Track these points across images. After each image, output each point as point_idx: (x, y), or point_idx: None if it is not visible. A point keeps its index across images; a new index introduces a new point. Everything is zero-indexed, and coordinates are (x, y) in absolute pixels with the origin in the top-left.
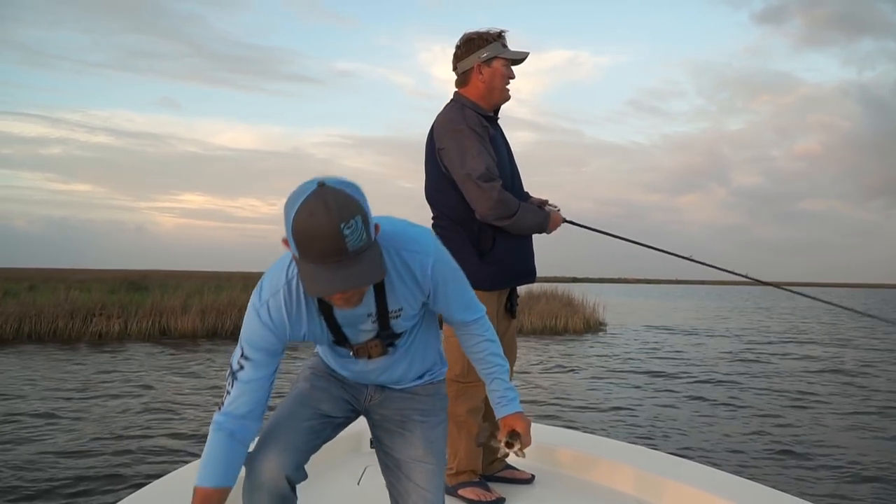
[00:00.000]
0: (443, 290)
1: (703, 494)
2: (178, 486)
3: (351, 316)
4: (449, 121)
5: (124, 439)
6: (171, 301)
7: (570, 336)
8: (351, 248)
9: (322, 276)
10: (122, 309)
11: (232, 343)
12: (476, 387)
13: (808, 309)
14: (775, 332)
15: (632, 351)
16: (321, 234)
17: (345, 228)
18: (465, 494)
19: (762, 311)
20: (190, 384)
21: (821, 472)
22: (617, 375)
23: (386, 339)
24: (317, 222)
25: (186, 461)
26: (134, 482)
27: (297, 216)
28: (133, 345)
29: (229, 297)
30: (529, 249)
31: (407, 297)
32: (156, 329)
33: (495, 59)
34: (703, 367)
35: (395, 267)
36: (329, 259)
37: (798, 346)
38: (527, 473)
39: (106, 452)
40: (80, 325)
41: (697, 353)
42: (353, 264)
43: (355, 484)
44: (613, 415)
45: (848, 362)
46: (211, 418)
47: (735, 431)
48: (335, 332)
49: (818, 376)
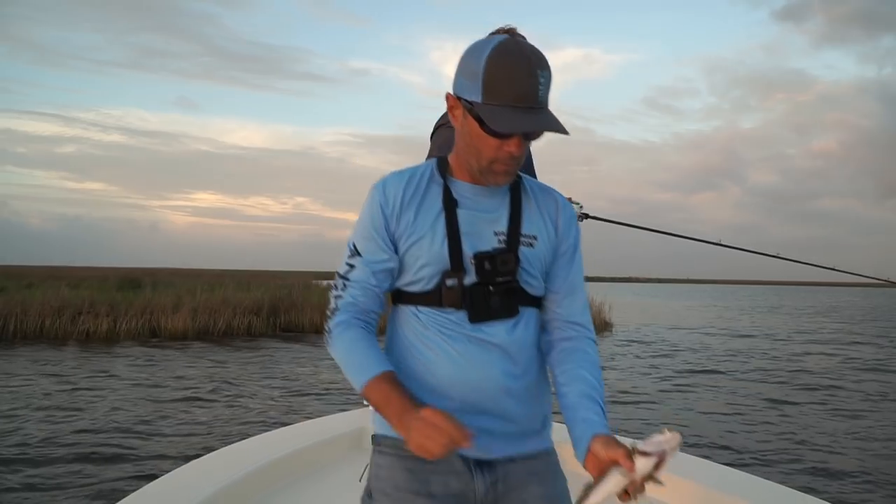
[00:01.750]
0: (570, 247)
1: (718, 495)
2: (178, 486)
3: (476, 221)
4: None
5: (79, 447)
6: (161, 300)
7: None
8: (541, 97)
9: (510, 115)
10: (111, 307)
11: (223, 344)
12: None
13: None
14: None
15: (639, 350)
16: (520, 74)
17: (540, 76)
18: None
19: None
20: (175, 385)
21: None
22: (628, 371)
23: (508, 277)
24: (516, 61)
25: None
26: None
27: (494, 54)
28: (121, 344)
29: (222, 295)
30: None
31: (540, 226)
32: (145, 328)
33: None
34: (708, 367)
35: (532, 188)
36: (521, 102)
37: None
38: None
39: (65, 460)
40: (67, 324)
41: (700, 351)
42: (541, 113)
43: (357, 481)
44: (631, 410)
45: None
46: (188, 427)
47: (759, 431)
48: (452, 241)
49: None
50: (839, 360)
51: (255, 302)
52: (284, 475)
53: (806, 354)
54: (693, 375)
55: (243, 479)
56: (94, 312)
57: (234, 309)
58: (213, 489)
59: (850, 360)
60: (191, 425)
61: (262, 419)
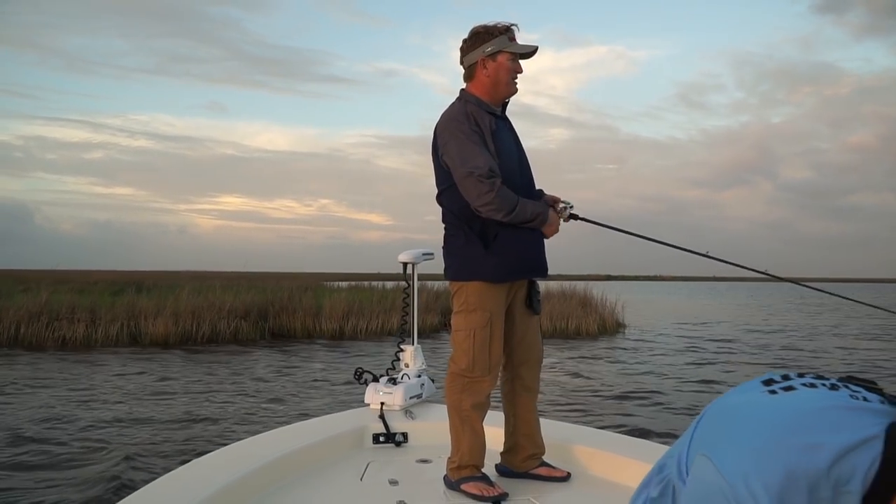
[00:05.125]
0: None
1: None
2: (179, 485)
3: None
4: (449, 119)
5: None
6: (143, 303)
7: (583, 339)
8: None
9: None
10: (91, 312)
11: (206, 350)
12: (481, 382)
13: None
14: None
15: (651, 353)
16: None
17: None
18: (468, 489)
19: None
20: (143, 393)
21: None
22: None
23: None
24: None
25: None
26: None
27: None
28: (98, 350)
29: (208, 298)
30: (537, 243)
31: None
32: (125, 334)
33: (500, 52)
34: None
35: None
36: None
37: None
38: (563, 471)
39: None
40: (42, 330)
41: (710, 354)
42: None
43: (358, 479)
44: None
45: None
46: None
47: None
48: None
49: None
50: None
51: (244, 305)
52: (286, 474)
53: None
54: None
55: (244, 478)
56: (72, 318)
57: (219, 312)
58: (214, 488)
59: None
60: (148, 445)
61: (234, 429)
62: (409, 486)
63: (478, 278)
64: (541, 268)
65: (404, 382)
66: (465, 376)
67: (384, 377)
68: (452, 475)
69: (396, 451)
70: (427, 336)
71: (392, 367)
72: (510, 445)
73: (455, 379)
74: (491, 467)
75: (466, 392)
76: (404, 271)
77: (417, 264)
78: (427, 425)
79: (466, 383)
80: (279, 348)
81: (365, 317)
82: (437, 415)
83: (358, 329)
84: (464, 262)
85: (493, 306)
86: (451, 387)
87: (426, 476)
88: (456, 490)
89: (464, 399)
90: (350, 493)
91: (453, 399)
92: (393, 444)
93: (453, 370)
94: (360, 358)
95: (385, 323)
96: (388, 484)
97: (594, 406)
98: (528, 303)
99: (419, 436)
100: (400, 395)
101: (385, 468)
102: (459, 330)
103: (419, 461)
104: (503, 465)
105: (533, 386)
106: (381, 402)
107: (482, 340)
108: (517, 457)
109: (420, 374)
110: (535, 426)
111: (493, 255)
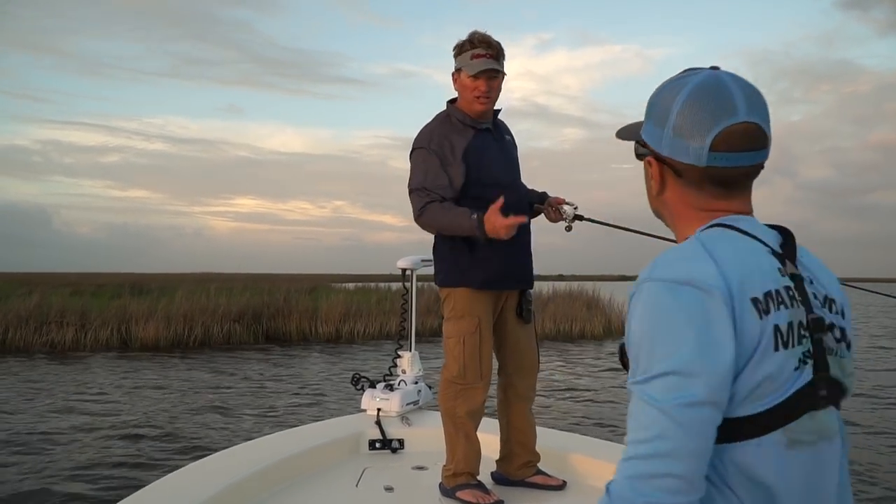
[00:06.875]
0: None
1: None
2: (177, 488)
3: None
4: (419, 136)
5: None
6: (135, 307)
7: (587, 341)
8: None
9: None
10: (81, 316)
11: (201, 354)
12: (475, 389)
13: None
14: None
15: None
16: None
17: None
18: (463, 497)
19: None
20: (126, 400)
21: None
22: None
23: None
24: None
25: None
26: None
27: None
28: (88, 354)
29: (201, 301)
30: (521, 253)
31: None
32: (115, 338)
33: (461, 70)
34: None
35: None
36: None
37: None
38: (558, 480)
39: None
40: (31, 335)
41: None
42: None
43: (354, 486)
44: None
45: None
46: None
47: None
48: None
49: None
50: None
51: (239, 307)
52: (280, 480)
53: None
54: None
55: (241, 483)
56: (62, 322)
57: (212, 315)
58: (211, 492)
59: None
60: (132, 453)
61: (225, 435)
62: (404, 493)
63: (465, 285)
64: (524, 278)
65: (401, 389)
66: (458, 383)
67: (381, 383)
68: (447, 483)
69: (392, 458)
70: (427, 338)
71: (389, 373)
72: (505, 453)
73: (448, 386)
74: (487, 475)
75: (460, 399)
76: (403, 277)
77: (416, 270)
78: (423, 432)
79: (459, 390)
80: (273, 352)
81: (363, 319)
82: (433, 422)
83: (355, 332)
84: (451, 268)
85: (481, 312)
86: (445, 394)
87: (422, 483)
88: (451, 497)
89: (458, 406)
90: (345, 500)
91: (447, 406)
92: (389, 450)
93: (446, 377)
94: (356, 363)
95: (383, 326)
96: (384, 490)
97: (591, 413)
98: (518, 311)
99: (415, 443)
100: (397, 401)
101: (381, 475)
102: (450, 337)
103: (415, 468)
104: (499, 472)
105: (527, 394)
106: (377, 409)
107: (472, 346)
108: (512, 465)
109: (417, 381)
110: (530, 434)
111: (478, 262)
